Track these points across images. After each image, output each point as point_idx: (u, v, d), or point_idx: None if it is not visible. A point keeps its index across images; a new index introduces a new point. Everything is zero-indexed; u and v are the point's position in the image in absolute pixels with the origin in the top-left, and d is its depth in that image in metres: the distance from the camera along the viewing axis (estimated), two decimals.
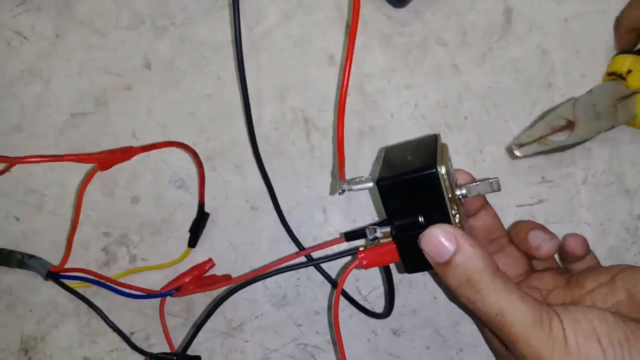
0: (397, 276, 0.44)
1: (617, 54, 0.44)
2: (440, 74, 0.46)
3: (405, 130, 0.45)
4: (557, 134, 0.42)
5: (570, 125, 0.42)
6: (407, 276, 0.44)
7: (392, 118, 0.46)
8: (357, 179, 0.34)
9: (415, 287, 0.44)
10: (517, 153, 0.42)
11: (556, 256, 0.41)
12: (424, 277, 0.44)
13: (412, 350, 0.44)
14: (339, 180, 0.35)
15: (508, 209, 0.44)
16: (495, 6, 0.46)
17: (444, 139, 0.45)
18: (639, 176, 0.44)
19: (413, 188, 0.32)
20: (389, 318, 0.41)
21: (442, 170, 0.31)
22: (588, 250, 0.39)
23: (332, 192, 0.45)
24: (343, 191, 0.35)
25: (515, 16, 0.46)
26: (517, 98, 0.45)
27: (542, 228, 0.38)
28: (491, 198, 0.40)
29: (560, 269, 0.40)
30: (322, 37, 0.47)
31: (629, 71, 0.42)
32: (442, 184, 0.31)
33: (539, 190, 0.44)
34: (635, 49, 0.43)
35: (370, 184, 0.34)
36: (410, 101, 0.46)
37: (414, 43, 0.46)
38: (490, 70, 0.46)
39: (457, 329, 0.44)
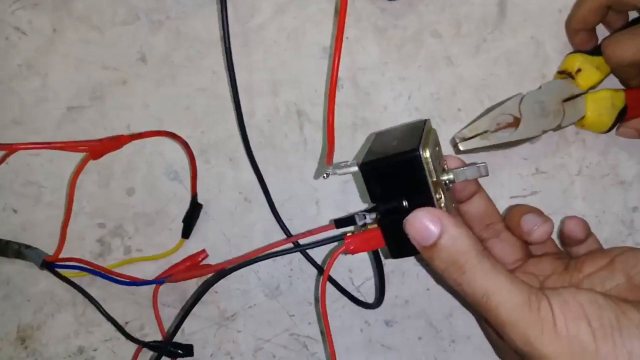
0: (388, 266, 0.44)
1: (570, 53, 0.44)
2: (434, 66, 0.46)
3: (398, 122, 0.46)
4: (504, 129, 0.42)
5: (516, 121, 0.42)
6: (399, 267, 0.44)
7: (385, 110, 0.46)
8: (342, 164, 0.34)
9: (407, 278, 0.44)
10: (460, 147, 0.42)
11: (557, 241, 0.41)
12: (416, 268, 0.44)
13: (405, 341, 0.44)
14: (326, 165, 0.35)
15: (501, 200, 0.44)
16: None
17: (438, 131, 0.45)
18: (634, 168, 0.44)
19: (396, 171, 0.32)
20: (381, 308, 0.41)
21: (426, 153, 0.31)
22: (588, 234, 0.38)
23: (316, 177, 0.45)
24: (328, 175, 0.35)
25: (510, 8, 0.46)
26: (511, 90, 0.45)
27: (536, 211, 0.37)
28: (484, 189, 0.40)
29: (559, 253, 0.39)
30: (315, 30, 0.47)
31: (579, 70, 0.42)
32: (425, 167, 0.31)
33: (532, 181, 0.44)
34: (588, 49, 0.43)
35: (355, 168, 0.33)
36: (403, 93, 0.46)
37: (408, 35, 0.47)
38: (484, 62, 0.46)
39: (449, 320, 0.44)
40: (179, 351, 0.42)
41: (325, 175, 0.35)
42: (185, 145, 0.44)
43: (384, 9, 0.47)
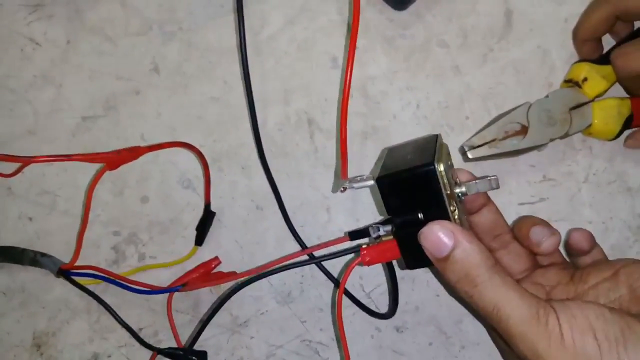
0: (399, 273, 0.44)
1: (576, 62, 0.44)
2: (442, 75, 0.47)
3: (407, 130, 0.46)
4: (512, 137, 0.43)
5: (524, 130, 0.43)
6: (409, 274, 0.45)
7: (394, 119, 0.47)
8: (359, 177, 0.35)
9: (417, 284, 0.45)
10: (468, 155, 0.43)
11: (563, 251, 0.42)
12: (426, 275, 0.45)
13: (416, 347, 0.44)
14: (342, 179, 0.36)
15: (510, 207, 0.45)
16: (495, 8, 0.47)
17: (445, 139, 0.46)
18: None
19: (412, 185, 0.32)
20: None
21: (440, 167, 0.32)
22: (593, 245, 0.39)
23: (334, 190, 0.46)
24: (345, 189, 0.36)
25: (516, 17, 0.47)
26: (518, 98, 0.46)
27: (544, 224, 0.38)
28: (493, 197, 0.41)
29: (565, 264, 0.40)
30: (325, 40, 0.48)
31: (585, 79, 0.43)
32: (440, 180, 0.32)
33: (540, 188, 0.45)
34: (594, 57, 0.44)
35: (371, 182, 0.34)
36: (412, 102, 0.47)
37: (416, 45, 0.47)
38: (491, 71, 0.47)
39: (459, 327, 0.44)
40: (194, 358, 0.43)
41: (342, 189, 0.36)
42: (200, 155, 0.45)
43: (392, 19, 0.48)
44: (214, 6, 0.49)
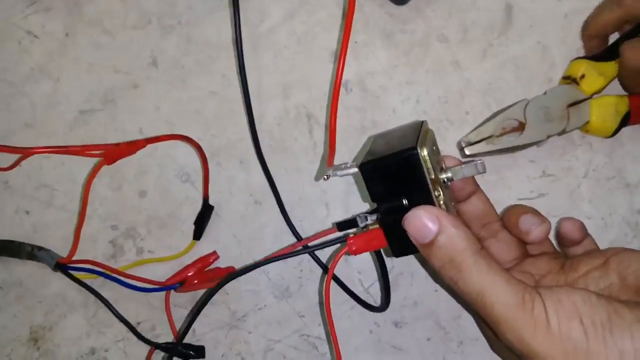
0: (398, 268, 0.44)
1: (574, 59, 0.44)
2: (442, 70, 0.47)
3: None
4: (509, 134, 0.43)
5: (521, 126, 0.43)
6: (408, 268, 0.45)
7: (394, 114, 0.47)
8: (342, 165, 0.35)
9: (416, 279, 0.45)
10: (466, 151, 0.43)
11: (554, 241, 0.42)
12: (425, 270, 0.45)
13: (414, 342, 0.44)
14: (327, 167, 0.36)
15: (509, 202, 0.44)
16: (495, 3, 0.47)
17: (445, 134, 0.46)
18: None
19: (395, 170, 0.32)
20: (390, 309, 0.41)
21: (424, 152, 0.32)
22: (585, 235, 0.39)
23: (317, 178, 0.46)
24: (328, 177, 0.35)
25: (516, 13, 0.47)
26: (518, 94, 0.46)
27: (533, 212, 0.38)
28: (492, 191, 0.41)
29: (556, 253, 0.40)
30: (324, 35, 0.48)
31: (583, 76, 0.43)
32: (423, 165, 0.32)
33: (539, 183, 0.45)
34: (599, 53, 0.44)
35: (355, 169, 0.34)
36: (411, 97, 0.47)
37: (416, 40, 0.47)
38: (491, 67, 0.46)
39: (458, 322, 0.44)
40: (191, 352, 0.43)
41: (325, 177, 0.35)
42: (199, 148, 0.45)
43: (392, 14, 0.48)
44: (212, 0, 0.48)
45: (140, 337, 0.43)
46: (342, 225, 0.35)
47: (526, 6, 0.47)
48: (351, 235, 0.34)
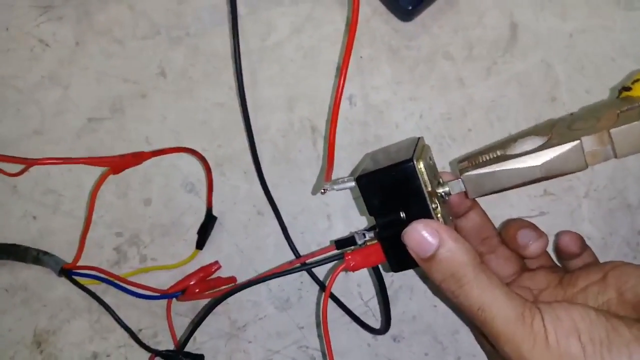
0: (397, 282, 0.45)
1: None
2: (446, 87, 0.47)
3: None
4: None
5: None
6: (407, 282, 0.45)
7: (397, 129, 0.47)
8: (340, 180, 0.35)
9: (415, 294, 0.45)
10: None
11: (553, 254, 0.42)
12: (424, 284, 0.45)
13: (411, 356, 0.44)
14: (325, 181, 0.36)
15: None
16: (501, 21, 0.48)
17: (447, 151, 0.46)
18: None
19: (392, 182, 0.32)
20: None
21: (420, 164, 0.32)
22: (584, 248, 0.39)
23: (313, 192, 0.46)
24: (325, 191, 0.36)
25: (521, 31, 0.47)
26: (521, 111, 0.46)
27: (531, 226, 0.38)
28: (493, 209, 0.41)
29: (554, 267, 0.40)
30: (330, 49, 0.48)
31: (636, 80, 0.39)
32: (420, 177, 0.32)
33: (540, 202, 0.45)
34: None
35: (352, 184, 0.34)
36: (415, 112, 0.47)
37: (421, 56, 0.48)
38: (494, 84, 0.47)
39: (455, 337, 0.44)
40: None
41: (322, 191, 0.36)
42: (203, 160, 0.45)
43: (398, 30, 0.48)
44: (220, 12, 0.49)
45: (141, 343, 0.44)
46: (340, 244, 0.36)
47: (531, 24, 0.47)
48: (348, 251, 0.35)
